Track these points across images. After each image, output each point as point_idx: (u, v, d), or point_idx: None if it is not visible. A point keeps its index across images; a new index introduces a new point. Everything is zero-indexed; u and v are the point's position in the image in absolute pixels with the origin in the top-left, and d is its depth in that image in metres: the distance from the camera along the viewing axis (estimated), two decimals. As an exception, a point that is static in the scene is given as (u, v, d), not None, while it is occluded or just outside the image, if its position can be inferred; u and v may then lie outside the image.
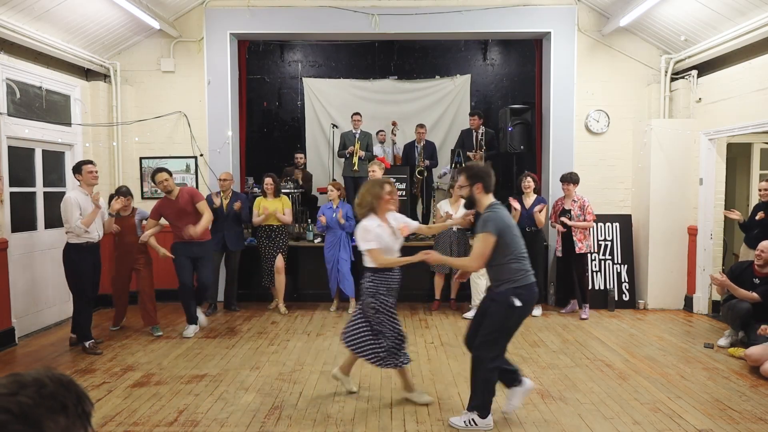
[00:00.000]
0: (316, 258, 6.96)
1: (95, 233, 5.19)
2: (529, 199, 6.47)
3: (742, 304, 5.08)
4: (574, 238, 6.32)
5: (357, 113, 8.29)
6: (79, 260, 5.09)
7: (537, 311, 6.53)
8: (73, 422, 0.68)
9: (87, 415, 0.73)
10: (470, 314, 6.36)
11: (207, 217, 5.51)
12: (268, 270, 6.71)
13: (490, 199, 3.53)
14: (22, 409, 0.64)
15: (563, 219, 6.37)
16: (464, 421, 3.52)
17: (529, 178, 6.51)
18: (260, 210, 6.65)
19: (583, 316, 6.31)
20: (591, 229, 6.57)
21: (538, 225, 6.40)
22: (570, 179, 6.42)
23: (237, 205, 6.49)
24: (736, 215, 5.97)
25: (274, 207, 6.64)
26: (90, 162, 5.29)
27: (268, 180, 6.73)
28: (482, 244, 3.37)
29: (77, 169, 5.19)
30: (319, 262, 6.80)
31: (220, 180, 6.68)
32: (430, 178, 8.39)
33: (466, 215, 4.23)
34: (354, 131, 8.19)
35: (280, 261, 6.64)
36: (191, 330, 5.69)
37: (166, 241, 5.94)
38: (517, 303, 3.38)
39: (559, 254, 6.60)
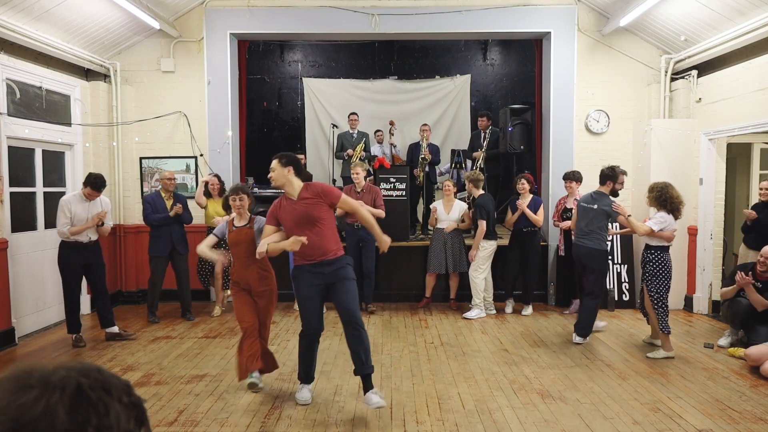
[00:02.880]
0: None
1: (84, 236, 5.31)
2: (525, 200, 6.50)
3: (742, 301, 5.08)
4: (574, 240, 6.31)
5: (354, 113, 8.30)
6: (65, 257, 5.29)
7: (527, 310, 6.55)
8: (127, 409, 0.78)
9: (143, 419, 0.81)
10: (470, 314, 6.36)
11: (365, 211, 3.93)
12: (207, 272, 6.59)
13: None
14: (103, 378, 0.76)
15: (559, 224, 6.42)
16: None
17: (524, 180, 6.53)
18: (206, 210, 6.45)
19: None
20: None
21: (537, 225, 6.42)
22: (572, 177, 6.39)
23: (176, 209, 6.12)
24: (752, 215, 6.00)
25: (217, 210, 6.35)
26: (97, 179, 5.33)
27: (213, 180, 6.50)
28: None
29: (85, 181, 5.35)
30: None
31: (164, 179, 6.27)
32: (432, 177, 8.39)
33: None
34: (351, 131, 8.20)
35: (219, 267, 6.38)
36: (306, 393, 3.93)
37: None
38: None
39: (562, 253, 6.61)
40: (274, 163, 3.82)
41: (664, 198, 4.86)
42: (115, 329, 5.48)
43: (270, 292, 4.14)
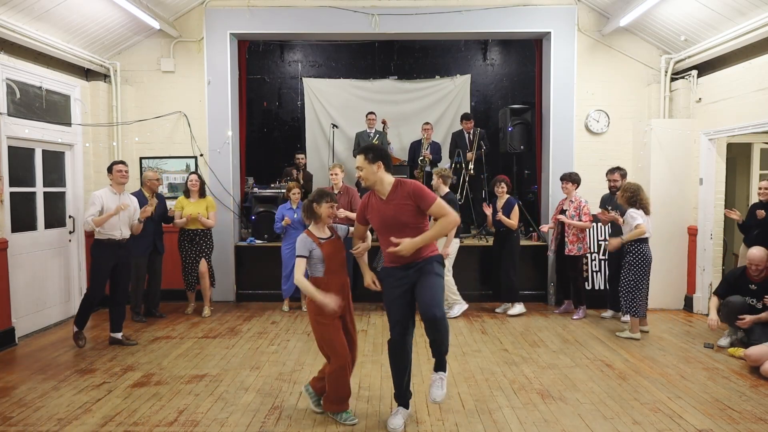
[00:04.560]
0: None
1: (117, 231, 5.23)
2: (501, 201, 6.53)
3: (737, 299, 5.11)
4: (566, 240, 6.30)
5: (372, 112, 8.41)
6: (97, 256, 5.24)
7: (513, 309, 6.55)
8: None
9: None
10: (453, 312, 6.36)
11: (450, 220, 3.35)
12: (189, 275, 6.45)
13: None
14: None
15: (559, 216, 6.38)
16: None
17: (502, 183, 6.55)
18: (182, 212, 6.35)
19: (575, 317, 6.31)
20: (588, 231, 6.60)
21: (509, 227, 6.40)
22: (568, 178, 6.39)
23: (141, 211, 5.62)
24: (736, 215, 5.97)
25: (195, 210, 6.35)
26: (121, 162, 5.51)
27: (193, 177, 6.46)
28: None
29: (109, 168, 5.42)
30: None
31: (152, 181, 6.20)
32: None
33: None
34: (369, 130, 8.25)
35: (203, 266, 6.41)
36: (399, 420, 3.52)
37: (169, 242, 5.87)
38: None
39: (551, 254, 6.61)
40: (360, 159, 3.33)
41: (635, 199, 5.48)
42: (119, 335, 5.40)
43: (350, 303, 3.71)
